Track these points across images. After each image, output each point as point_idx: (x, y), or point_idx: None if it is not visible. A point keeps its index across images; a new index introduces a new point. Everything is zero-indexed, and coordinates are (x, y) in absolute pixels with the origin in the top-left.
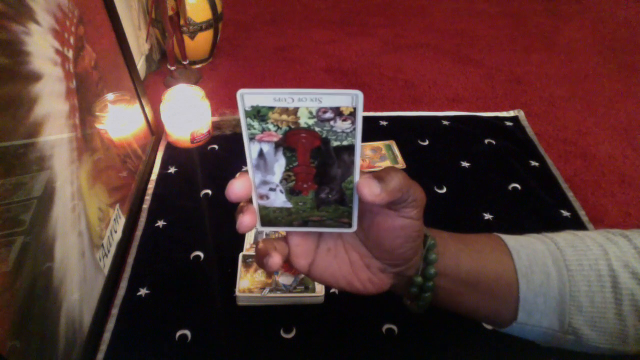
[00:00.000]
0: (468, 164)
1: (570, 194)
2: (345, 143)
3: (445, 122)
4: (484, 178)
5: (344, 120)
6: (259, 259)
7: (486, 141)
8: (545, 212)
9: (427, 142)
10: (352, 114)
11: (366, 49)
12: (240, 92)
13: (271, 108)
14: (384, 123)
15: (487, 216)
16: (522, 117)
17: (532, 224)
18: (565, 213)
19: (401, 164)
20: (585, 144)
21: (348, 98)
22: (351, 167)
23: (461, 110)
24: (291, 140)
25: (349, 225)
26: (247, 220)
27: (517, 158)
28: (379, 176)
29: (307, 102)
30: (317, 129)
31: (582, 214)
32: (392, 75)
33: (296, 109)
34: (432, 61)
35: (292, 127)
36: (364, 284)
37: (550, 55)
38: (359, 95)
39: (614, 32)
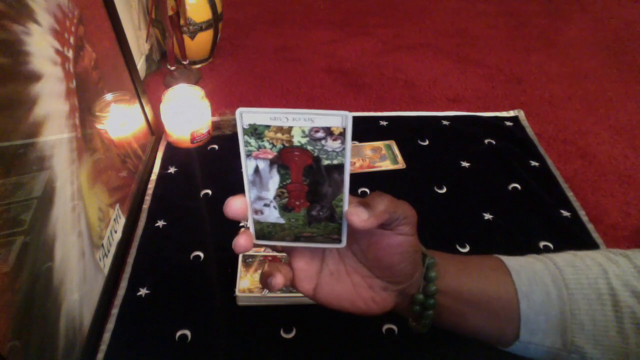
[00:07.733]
0: (468, 164)
1: (570, 194)
2: (335, 162)
3: (445, 122)
4: (484, 178)
5: (334, 139)
6: (264, 280)
7: (486, 141)
8: (545, 212)
9: (427, 142)
10: (342, 134)
11: (366, 49)
12: (239, 111)
13: (267, 126)
14: (384, 123)
15: (487, 216)
16: (522, 117)
17: (532, 224)
18: (565, 213)
19: (401, 164)
20: (585, 144)
21: (338, 119)
22: (341, 185)
23: (461, 110)
24: (285, 158)
25: (339, 241)
26: (241, 241)
27: (517, 158)
28: (365, 203)
29: (300, 121)
30: (309, 147)
31: (582, 213)
32: (392, 75)
33: (290, 128)
34: (432, 61)
35: (286, 145)
36: (368, 304)
37: (550, 55)
38: (348, 116)
39: (614, 32)
